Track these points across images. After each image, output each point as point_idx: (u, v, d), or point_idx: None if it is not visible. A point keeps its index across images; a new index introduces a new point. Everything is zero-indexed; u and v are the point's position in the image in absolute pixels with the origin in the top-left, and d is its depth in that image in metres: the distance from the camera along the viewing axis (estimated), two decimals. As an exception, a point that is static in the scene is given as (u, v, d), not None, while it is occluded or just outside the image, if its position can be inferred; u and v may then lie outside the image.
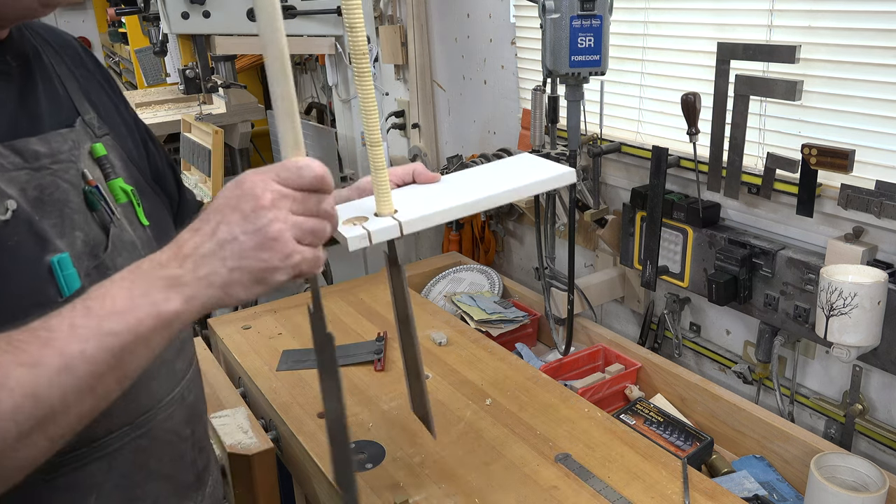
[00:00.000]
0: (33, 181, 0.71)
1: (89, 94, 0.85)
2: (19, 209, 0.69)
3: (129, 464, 0.80)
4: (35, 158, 0.72)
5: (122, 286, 0.63)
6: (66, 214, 0.74)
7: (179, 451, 0.88)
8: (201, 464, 0.95)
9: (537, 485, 1.20)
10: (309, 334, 1.81)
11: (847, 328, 1.24)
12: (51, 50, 0.84)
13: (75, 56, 0.88)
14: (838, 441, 1.43)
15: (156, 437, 0.84)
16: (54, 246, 0.71)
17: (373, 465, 1.27)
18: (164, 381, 0.85)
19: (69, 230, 0.73)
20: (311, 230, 0.66)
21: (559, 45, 1.42)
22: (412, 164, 0.99)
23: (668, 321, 1.76)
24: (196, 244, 0.64)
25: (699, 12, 1.55)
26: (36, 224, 0.70)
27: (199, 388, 0.97)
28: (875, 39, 1.26)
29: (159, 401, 0.84)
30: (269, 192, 0.64)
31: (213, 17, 1.93)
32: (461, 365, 1.60)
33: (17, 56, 0.77)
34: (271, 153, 3.48)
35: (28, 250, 0.69)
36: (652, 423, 1.48)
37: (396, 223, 0.85)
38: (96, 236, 0.76)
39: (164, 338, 0.64)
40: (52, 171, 0.73)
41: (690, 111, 1.48)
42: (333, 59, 2.29)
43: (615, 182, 1.86)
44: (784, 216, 1.48)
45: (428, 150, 2.59)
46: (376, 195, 0.86)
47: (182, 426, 0.89)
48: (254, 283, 0.64)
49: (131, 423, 0.80)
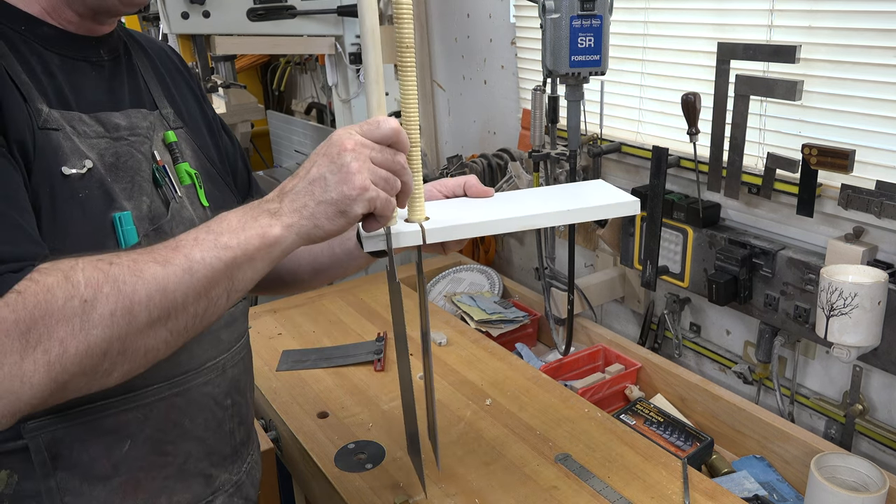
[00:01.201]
0: (111, 149, 0.83)
1: (171, 92, 0.98)
2: (94, 169, 0.80)
3: (162, 419, 0.86)
4: (115, 129, 0.84)
5: (236, 214, 0.74)
6: (137, 181, 0.84)
7: (217, 419, 0.94)
8: (240, 437, 0.99)
9: (537, 485, 1.20)
10: (309, 334, 1.82)
11: (847, 328, 1.24)
12: (142, 53, 0.97)
13: (165, 61, 1.02)
14: (838, 441, 1.43)
15: (192, 399, 0.89)
16: (120, 205, 0.81)
17: (373, 465, 1.27)
18: (207, 347, 0.91)
19: (137, 194, 0.83)
20: (384, 177, 0.76)
21: (559, 45, 1.42)
22: (466, 176, 0.99)
23: (668, 321, 1.76)
24: (293, 185, 0.76)
25: (699, 12, 1.55)
26: (108, 184, 0.80)
27: (246, 365, 1.02)
28: (875, 39, 1.26)
29: (201, 365, 0.90)
30: (351, 140, 0.75)
31: (213, 17, 1.93)
32: (461, 365, 1.60)
33: (110, 51, 0.89)
34: (271, 153, 3.48)
35: (96, 204, 0.78)
36: (652, 424, 1.48)
37: (419, 230, 0.82)
38: (159, 206, 0.86)
39: (266, 260, 0.74)
40: (129, 143, 0.85)
41: (690, 111, 1.48)
42: (333, 59, 2.28)
43: (615, 182, 1.86)
44: (784, 216, 1.48)
45: (428, 150, 2.59)
46: (409, 199, 0.83)
47: (222, 395, 0.94)
48: (337, 215, 0.74)
49: (169, 381, 0.86)
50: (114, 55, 0.90)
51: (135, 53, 0.95)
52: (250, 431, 1.05)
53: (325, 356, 1.66)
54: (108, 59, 0.89)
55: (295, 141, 2.68)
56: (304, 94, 3.53)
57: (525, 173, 1.96)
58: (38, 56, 0.80)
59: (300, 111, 3.36)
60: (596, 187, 0.96)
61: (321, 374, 1.58)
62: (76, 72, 0.84)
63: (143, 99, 0.92)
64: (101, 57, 0.88)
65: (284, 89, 3.59)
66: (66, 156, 0.77)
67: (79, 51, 0.85)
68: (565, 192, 0.96)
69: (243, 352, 1.01)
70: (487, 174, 2.13)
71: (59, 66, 0.82)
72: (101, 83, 0.87)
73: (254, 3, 1.98)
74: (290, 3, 2.02)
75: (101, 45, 0.88)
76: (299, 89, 3.57)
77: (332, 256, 1.08)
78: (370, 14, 0.79)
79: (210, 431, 0.93)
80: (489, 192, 0.96)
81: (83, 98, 0.83)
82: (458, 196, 0.96)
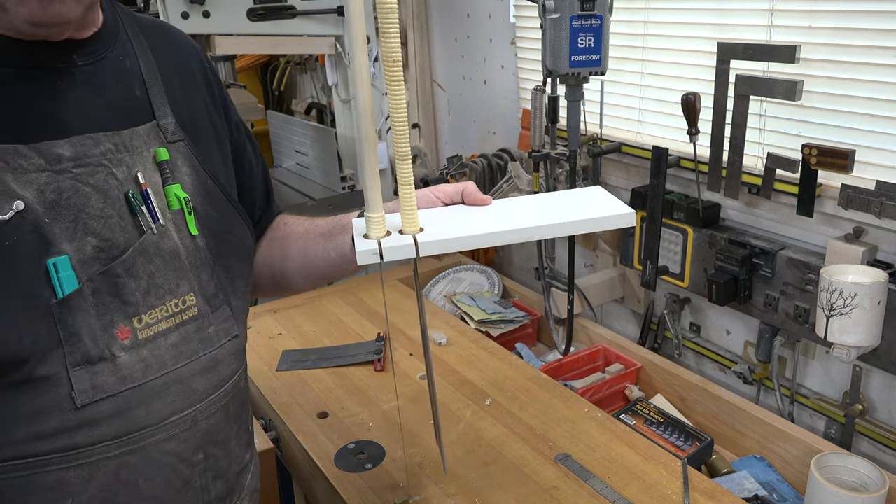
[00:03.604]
0: (52, 183, 0.73)
1: (178, 100, 0.87)
2: (28, 210, 0.71)
3: (110, 478, 0.78)
4: (57, 161, 0.74)
5: None
6: (81, 219, 0.74)
7: (183, 476, 0.83)
8: (215, 492, 0.88)
9: (537, 485, 1.20)
10: (309, 334, 1.81)
11: (847, 328, 1.24)
12: (151, 53, 0.86)
13: (183, 63, 0.91)
14: (838, 441, 1.43)
15: (149, 457, 0.80)
16: (58, 248, 0.72)
17: (373, 465, 1.27)
18: (173, 399, 0.81)
19: (80, 234, 0.74)
20: None
21: (559, 45, 1.42)
22: (463, 182, 0.95)
23: (668, 321, 1.76)
24: None
25: (699, 12, 1.55)
26: (44, 227, 0.72)
27: (229, 413, 0.89)
28: (875, 39, 1.26)
29: (161, 420, 0.80)
30: None
31: (213, 17, 1.93)
32: (461, 365, 1.60)
33: (90, 55, 0.79)
34: (271, 153, 3.48)
35: (25, 251, 0.70)
36: (652, 424, 1.48)
37: (412, 243, 0.80)
38: (119, 241, 0.77)
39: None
40: (74, 175, 0.75)
41: (690, 111, 1.48)
42: (333, 59, 2.28)
43: (615, 182, 1.86)
44: (784, 216, 1.48)
45: (428, 150, 2.59)
46: (402, 211, 0.81)
47: (189, 451, 0.83)
48: None
49: (118, 439, 0.77)
50: (95, 58, 0.80)
51: (140, 54, 0.85)
52: (233, 484, 0.91)
53: (325, 356, 1.66)
54: (86, 64, 0.79)
55: (295, 141, 2.68)
56: (304, 94, 3.53)
57: (525, 173, 1.96)
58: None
59: (300, 111, 3.36)
60: (593, 195, 0.95)
61: (321, 374, 1.58)
62: (32, 83, 0.74)
63: (134, 109, 0.82)
64: (71, 62, 0.77)
65: (284, 89, 3.59)
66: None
67: (39, 58, 0.75)
68: (562, 201, 0.95)
69: (226, 398, 0.88)
70: (487, 174, 2.13)
71: (9, 79, 0.73)
72: (66, 94, 0.76)
73: (254, 3, 1.98)
74: (290, 3, 2.02)
75: (76, 48, 0.78)
76: (299, 89, 3.57)
77: (327, 259, 1.01)
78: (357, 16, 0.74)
79: (172, 491, 0.82)
80: (487, 200, 0.94)
81: (29, 121, 0.73)
82: (456, 203, 0.95)
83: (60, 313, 0.72)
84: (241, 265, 0.92)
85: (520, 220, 0.86)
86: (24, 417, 0.72)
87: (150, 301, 0.78)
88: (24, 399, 0.72)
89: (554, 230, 0.87)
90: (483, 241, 0.84)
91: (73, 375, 0.73)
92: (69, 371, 0.72)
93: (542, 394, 1.47)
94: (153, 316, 0.79)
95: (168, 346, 0.80)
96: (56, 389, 0.72)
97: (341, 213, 1.02)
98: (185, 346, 0.82)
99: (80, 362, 0.73)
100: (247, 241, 0.93)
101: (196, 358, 0.83)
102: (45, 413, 0.72)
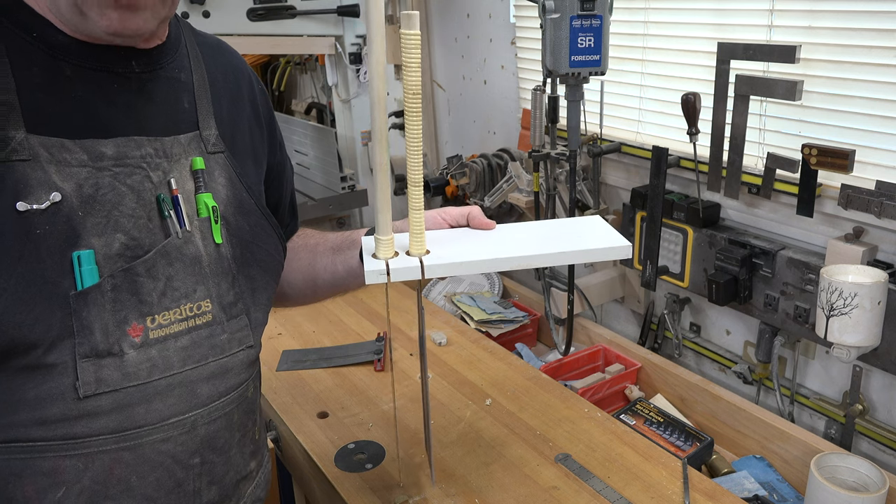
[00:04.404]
0: (92, 179, 0.77)
1: (224, 115, 0.91)
2: (64, 202, 0.74)
3: (104, 472, 0.79)
4: (99, 159, 0.77)
5: None
6: (113, 217, 0.78)
7: (175, 478, 0.84)
8: (207, 498, 0.88)
9: (537, 485, 1.20)
10: (309, 334, 1.81)
11: (847, 328, 1.24)
12: (204, 69, 0.90)
13: (232, 81, 0.96)
14: (838, 441, 1.43)
15: (144, 456, 0.81)
16: (86, 242, 0.75)
17: (373, 465, 1.27)
18: (175, 400, 0.82)
19: (110, 231, 0.77)
20: None
21: (559, 45, 1.42)
22: (469, 207, 1.00)
23: (668, 321, 1.76)
24: None
25: (699, 12, 1.55)
26: (76, 219, 0.75)
27: (232, 421, 0.90)
28: (875, 39, 1.26)
29: (161, 420, 0.81)
30: None
31: (213, 17, 1.93)
32: (461, 365, 1.60)
33: (149, 64, 0.83)
34: (271, 153, 3.47)
35: (55, 241, 0.73)
36: (652, 424, 1.48)
37: (419, 266, 0.85)
38: (145, 242, 0.80)
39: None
40: (113, 174, 0.78)
41: (690, 111, 1.48)
42: (333, 59, 2.29)
43: (615, 182, 1.86)
44: (784, 216, 1.48)
45: (428, 150, 2.59)
46: (410, 234, 0.87)
47: (186, 454, 0.84)
48: None
49: (116, 433, 0.79)
50: (153, 67, 0.83)
51: (195, 69, 0.89)
52: (230, 491, 0.91)
53: (325, 356, 1.66)
54: (143, 72, 0.82)
55: (295, 141, 2.68)
56: (304, 94, 3.53)
57: (525, 173, 1.96)
58: (42, 67, 0.75)
59: (300, 111, 3.36)
60: (592, 225, 1.00)
61: (321, 374, 1.58)
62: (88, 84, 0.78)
63: (179, 119, 0.85)
64: (130, 68, 0.81)
65: (284, 89, 3.59)
66: (29, 189, 0.72)
67: (100, 61, 0.79)
68: (562, 230, 1.01)
69: (230, 406, 0.89)
70: (487, 174, 2.13)
71: (70, 76, 0.77)
72: (118, 97, 0.80)
73: (254, 3, 1.98)
74: (290, 3, 2.02)
75: (137, 55, 0.81)
76: (299, 89, 3.57)
77: (334, 273, 1.05)
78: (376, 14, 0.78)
79: (163, 492, 0.83)
80: (491, 224, 0.99)
81: (79, 118, 0.77)
82: (462, 225, 1.00)
83: (77, 305, 0.74)
84: (266, 277, 0.94)
85: (521, 247, 0.92)
86: (29, 402, 0.75)
87: (165, 303, 0.80)
88: (31, 384, 0.74)
89: (553, 259, 0.92)
90: (486, 266, 0.90)
91: (80, 366, 0.75)
92: (77, 362, 0.75)
93: (542, 394, 1.47)
94: (166, 317, 0.81)
95: (177, 349, 0.82)
96: (61, 378, 0.75)
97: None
98: (193, 351, 0.83)
99: (88, 354, 0.75)
100: (276, 255, 0.96)
101: (204, 363, 0.84)
102: (48, 400, 0.75)
